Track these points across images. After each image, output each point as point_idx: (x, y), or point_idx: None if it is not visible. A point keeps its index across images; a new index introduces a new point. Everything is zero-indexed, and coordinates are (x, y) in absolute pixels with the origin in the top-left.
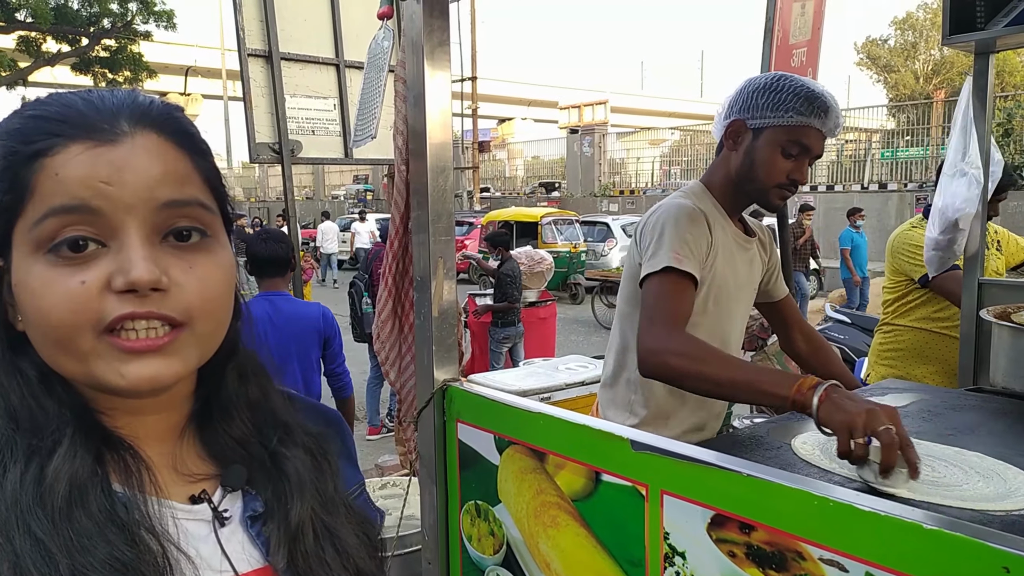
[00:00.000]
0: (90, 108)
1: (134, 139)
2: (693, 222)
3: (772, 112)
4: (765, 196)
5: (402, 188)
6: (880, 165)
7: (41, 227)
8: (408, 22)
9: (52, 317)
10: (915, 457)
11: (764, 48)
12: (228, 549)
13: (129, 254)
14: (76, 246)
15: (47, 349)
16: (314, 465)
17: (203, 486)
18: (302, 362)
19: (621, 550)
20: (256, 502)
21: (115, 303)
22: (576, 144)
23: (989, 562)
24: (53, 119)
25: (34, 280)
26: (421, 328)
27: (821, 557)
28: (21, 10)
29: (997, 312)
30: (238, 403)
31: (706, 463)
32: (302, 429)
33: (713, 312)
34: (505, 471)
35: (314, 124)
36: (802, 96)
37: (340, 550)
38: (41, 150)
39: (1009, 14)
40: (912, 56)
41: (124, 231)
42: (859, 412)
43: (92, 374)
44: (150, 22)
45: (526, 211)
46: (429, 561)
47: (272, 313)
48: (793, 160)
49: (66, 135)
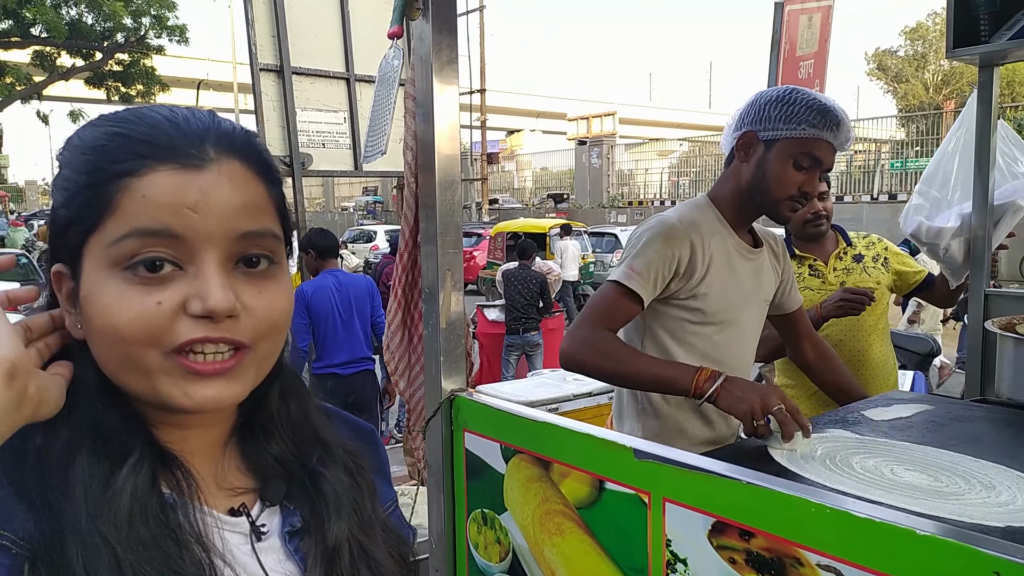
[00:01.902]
0: (176, 131)
1: (220, 166)
2: (668, 241)
3: (785, 124)
4: (776, 208)
5: (411, 202)
6: (890, 176)
7: (121, 245)
8: (418, 40)
9: (124, 333)
10: (805, 421)
11: (771, 60)
12: (265, 562)
13: (207, 280)
14: (153, 266)
15: (112, 362)
16: (352, 484)
17: (243, 499)
18: (360, 314)
19: (624, 557)
20: (294, 517)
21: (189, 326)
22: (584, 155)
23: (981, 567)
24: (139, 139)
25: (108, 295)
26: (429, 339)
27: (819, 563)
28: (36, 25)
29: (1002, 323)
30: (279, 421)
31: (707, 471)
32: (341, 447)
33: (715, 318)
34: (511, 480)
35: (324, 137)
36: (815, 109)
37: (375, 571)
38: (128, 171)
39: (1013, 27)
40: (922, 66)
41: (202, 257)
42: (754, 399)
43: (156, 391)
44: (163, 36)
45: (534, 222)
46: (437, 569)
47: (335, 284)
48: (804, 172)
49: (154, 157)
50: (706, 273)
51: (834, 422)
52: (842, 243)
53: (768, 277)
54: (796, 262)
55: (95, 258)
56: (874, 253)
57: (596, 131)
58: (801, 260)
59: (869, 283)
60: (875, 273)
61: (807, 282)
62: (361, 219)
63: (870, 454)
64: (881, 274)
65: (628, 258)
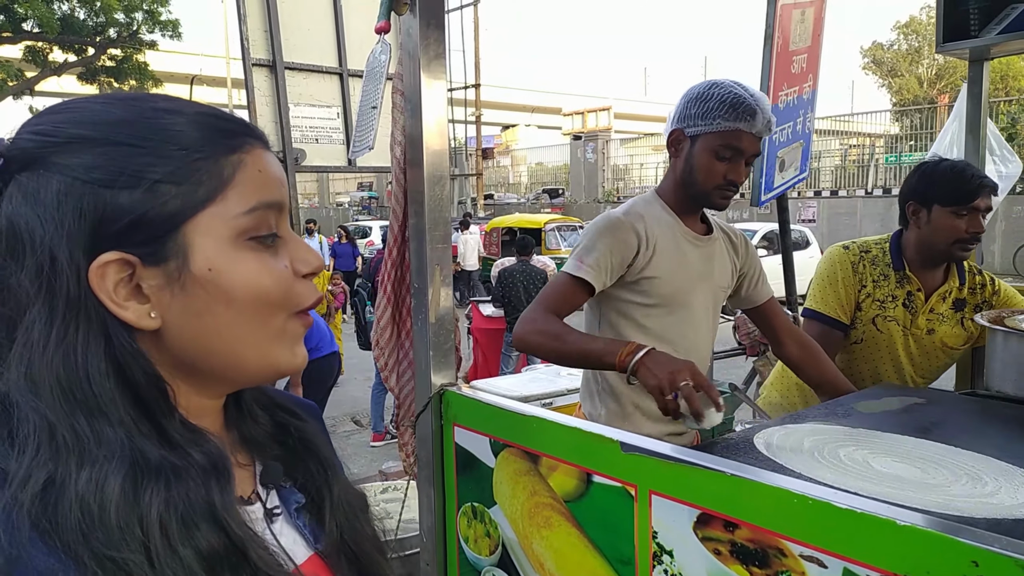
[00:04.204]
0: (230, 114)
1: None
2: (613, 233)
3: (703, 120)
4: (707, 198)
5: (400, 197)
6: (884, 170)
7: (251, 217)
8: (405, 35)
9: (272, 296)
10: (716, 395)
11: (764, 55)
12: (284, 543)
13: (299, 245)
14: (272, 236)
15: (235, 333)
16: (329, 450)
17: (247, 482)
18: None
19: (612, 549)
20: (295, 494)
21: (306, 287)
22: (579, 150)
23: (959, 557)
24: (229, 119)
25: (247, 264)
26: (419, 333)
27: (801, 554)
28: (28, 20)
29: (992, 317)
30: (249, 395)
31: (691, 463)
32: (297, 419)
33: (665, 301)
34: (500, 473)
35: (318, 132)
36: (728, 103)
37: (367, 521)
38: (238, 147)
39: (1002, 22)
40: (916, 60)
41: (284, 226)
42: (664, 374)
43: (269, 356)
44: (156, 31)
45: (530, 217)
46: (427, 563)
47: None
48: (727, 163)
49: (250, 135)
50: (652, 257)
51: (823, 414)
52: (954, 280)
53: (722, 263)
54: (897, 280)
55: (211, 232)
56: (978, 300)
57: (591, 126)
58: (902, 282)
59: (957, 343)
60: (971, 328)
61: (892, 312)
62: (356, 215)
63: (858, 446)
64: (973, 331)
65: (578, 251)
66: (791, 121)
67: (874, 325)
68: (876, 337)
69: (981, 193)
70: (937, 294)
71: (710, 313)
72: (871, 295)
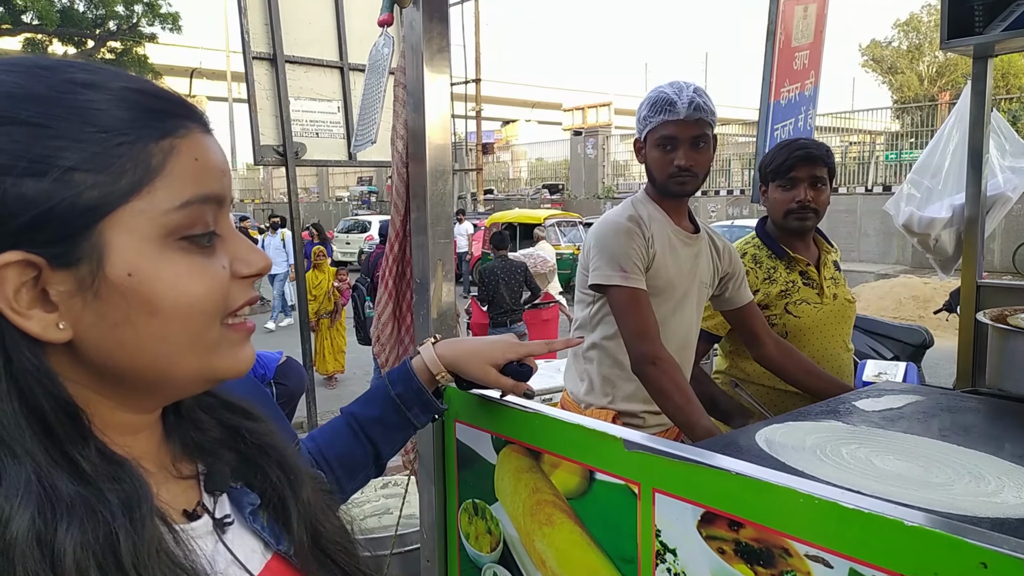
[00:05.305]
0: (173, 92)
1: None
2: (631, 235)
3: (642, 124)
4: (666, 187)
5: (402, 191)
6: (884, 167)
7: (182, 213)
8: (408, 28)
9: (204, 304)
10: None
11: (767, 51)
12: (238, 554)
13: (240, 242)
14: (209, 235)
15: (166, 344)
16: (280, 438)
17: (192, 492)
18: None
19: (614, 548)
20: (248, 495)
21: (240, 289)
22: (580, 146)
23: (968, 558)
24: (161, 96)
25: (174, 267)
26: (420, 329)
27: (807, 553)
28: (27, 12)
29: (994, 315)
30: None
31: (696, 461)
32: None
33: (662, 294)
34: (502, 470)
35: (318, 126)
36: (651, 102)
37: (334, 516)
38: (171, 129)
39: (1007, 18)
40: (916, 58)
41: (225, 221)
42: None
43: (212, 365)
44: (155, 24)
45: (529, 213)
46: (428, 559)
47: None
48: (671, 152)
49: (189, 116)
50: (654, 254)
51: (825, 412)
52: (824, 245)
53: (705, 262)
54: (785, 266)
55: (134, 231)
56: (835, 257)
57: (591, 121)
58: (792, 264)
59: (848, 296)
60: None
61: (803, 294)
62: (356, 209)
63: (860, 444)
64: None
65: (608, 260)
66: (793, 117)
67: (790, 314)
68: (797, 323)
69: (799, 164)
70: (822, 263)
71: (696, 309)
72: (769, 293)
